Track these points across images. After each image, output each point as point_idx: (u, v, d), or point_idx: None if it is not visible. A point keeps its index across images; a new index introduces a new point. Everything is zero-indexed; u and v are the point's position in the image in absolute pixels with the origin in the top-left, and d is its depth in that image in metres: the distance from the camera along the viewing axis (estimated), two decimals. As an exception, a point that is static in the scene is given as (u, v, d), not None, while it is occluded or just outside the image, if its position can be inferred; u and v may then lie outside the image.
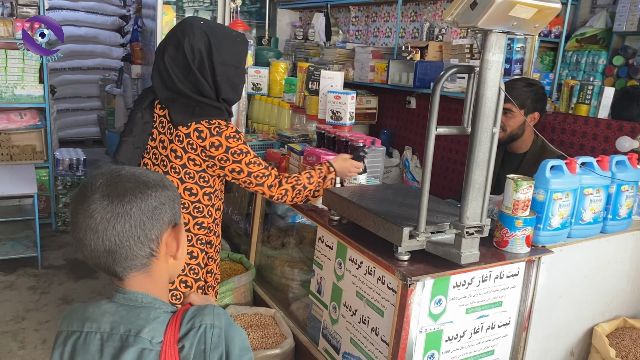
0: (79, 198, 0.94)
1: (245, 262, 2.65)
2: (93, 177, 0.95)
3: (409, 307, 1.62)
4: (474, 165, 1.55)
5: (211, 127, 1.81)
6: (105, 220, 0.91)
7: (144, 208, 0.94)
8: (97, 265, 0.96)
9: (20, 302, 3.49)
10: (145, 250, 0.96)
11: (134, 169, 0.98)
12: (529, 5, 1.39)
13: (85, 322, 0.97)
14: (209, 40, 1.81)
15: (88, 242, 0.93)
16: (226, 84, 1.87)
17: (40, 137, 4.54)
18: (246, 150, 1.85)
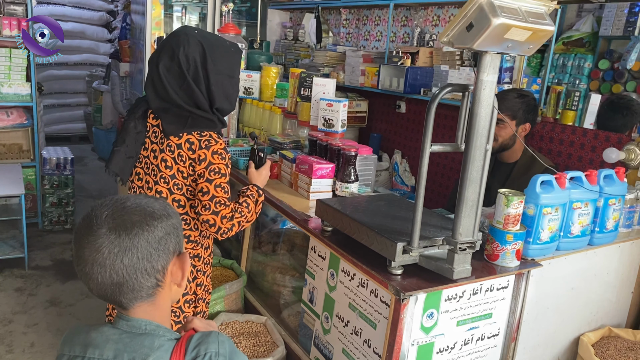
0: (84, 231, 0.94)
1: (236, 268, 2.65)
2: (98, 209, 0.95)
3: (402, 321, 1.64)
4: (468, 182, 1.58)
5: (202, 139, 1.82)
6: (113, 254, 0.92)
7: (151, 240, 0.94)
8: (103, 296, 0.97)
9: (7, 305, 3.46)
10: (151, 282, 0.97)
11: (139, 199, 0.98)
12: (523, 28, 1.42)
13: (88, 347, 0.97)
14: (204, 50, 1.81)
15: (95, 276, 0.93)
16: (220, 94, 1.87)
17: (27, 135, 4.49)
18: (223, 172, 1.84)
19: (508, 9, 1.40)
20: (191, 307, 1.95)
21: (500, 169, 2.65)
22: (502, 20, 1.37)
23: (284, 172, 2.57)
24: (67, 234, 4.68)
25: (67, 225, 4.76)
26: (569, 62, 4.83)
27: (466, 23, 1.43)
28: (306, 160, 2.40)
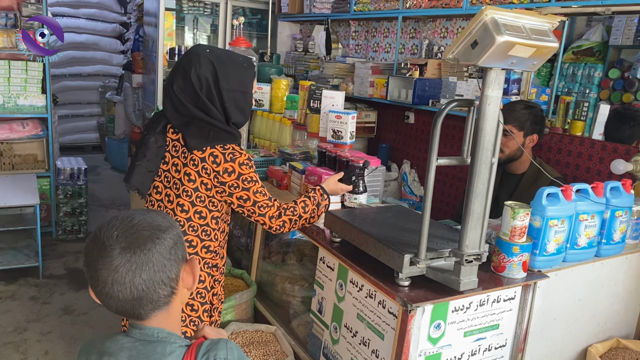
0: (98, 254, 0.97)
1: (246, 278, 2.69)
2: (106, 230, 0.98)
3: (409, 332, 1.66)
4: (474, 195, 1.61)
5: (225, 152, 1.86)
6: (131, 272, 0.95)
7: (163, 252, 0.98)
8: (123, 312, 1.00)
9: (22, 313, 3.52)
10: (168, 290, 1.01)
11: (143, 215, 1.02)
12: (527, 45, 1.45)
13: (103, 356, 1.01)
14: (215, 68, 1.86)
15: (115, 294, 0.97)
16: (234, 109, 1.92)
17: (41, 146, 4.58)
18: (255, 179, 1.90)
19: (512, 27, 1.43)
20: (208, 316, 1.99)
21: (508, 180, 2.67)
22: (506, 38, 1.40)
23: (293, 183, 2.61)
24: (81, 243, 4.74)
25: (81, 235, 4.83)
26: (579, 71, 4.84)
27: (471, 40, 1.46)
28: (315, 171, 2.44)
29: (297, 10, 4.78)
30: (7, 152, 4.41)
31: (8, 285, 3.88)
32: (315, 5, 4.49)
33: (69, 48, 7.37)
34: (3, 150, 4.39)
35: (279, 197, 2.51)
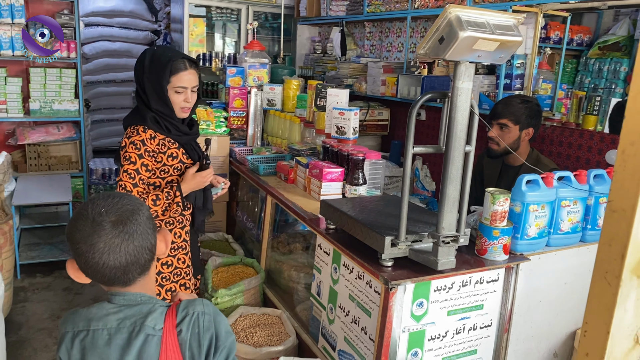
0: (90, 229, 1.10)
1: (256, 266, 2.86)
2: (92, 208, 1.11)
3: (391, 308, 1.79)
4: (448, 180, 1.73)
5: (130, 131, 2.12)
6: (125, 241, 1.11)
7: (145, 222, 1.15)
8: (112, 279, 1.14)
9: (56, 302, 3.78)
10: (150, 256, 1.17)
11: (119, 195, 1.17)
12: (490, 40, 1.56)
13: (91, 321, 1.16)
14: (143, 62, 2.14)
15: (111, 262, 1.11)
16: (155, 97, 2.13)
17: (75, 148, 4.87)
18: (133, 160, 2.07)
19: (475, 23, 1.55)
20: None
21: (507, 172, 2.75)
22: (469, 34, 1.52)
23: (299, 176, 2.77)
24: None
25: (112, 231, 5.10)
26: (605, 66, 4.84)
27: (438, 36, 1.59)
28: (317, 165, 2.59)
29: (314, 13, 4.94)
30: (43, 153, 4.72)
31: (44, 277, 4.17)
32: (331, 8, 4.64)
33: (104, 56, 7.74)
34: (40, 152, 4.70)
35: (285, 190, 2.68)
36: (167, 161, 2.15)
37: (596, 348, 0.67)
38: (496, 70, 3.26)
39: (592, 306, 0.70)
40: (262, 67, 3.68)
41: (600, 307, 0.68)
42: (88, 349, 1.15)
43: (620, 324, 0.67)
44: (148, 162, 2.10)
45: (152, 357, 1.13)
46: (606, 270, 0.69)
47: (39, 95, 4.58)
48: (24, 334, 3.35)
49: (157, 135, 2.12)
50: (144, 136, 2.09)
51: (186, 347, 1.14)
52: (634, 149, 0.62)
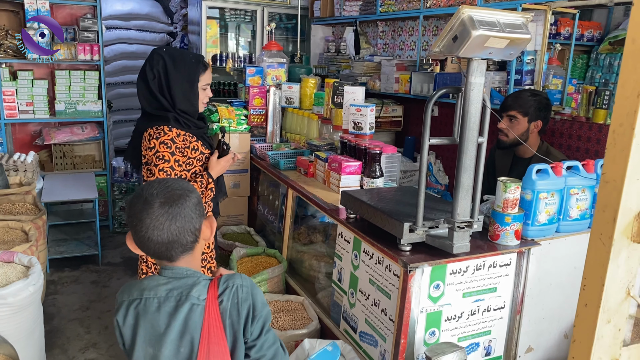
0: (142, 207, 1.25)
1: (278, 256, 2.99)
2: (147, 190, 1.28)
3: (410, 290, 1.92)
4: (462, 169, 1.85)
5: (155, 132, 2.20)
6: (168, 220, 1.25)
7: (191, 207, 1.29)
8: (157, 254, 1.29)
9: (85, 294, 3.95)
10: (193, 237, 1.31)
11: (174, 180, 1.32)
12: (501, 38, 1.68)
13: (144, 291, 1.32)
14: (165, 62, 2.22)
15: (155, 238, 1.26)
16: (181, 97, 2.24)
17: (99, 147, 5.04)
18: (167, 159, 2.18)
19: (486, 22, 1.67)
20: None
21: (517, 163, 2.86)
22: (481, 32, 1.64)
23: (318, 170, 2.90)
24: (134, 235, 5.19)
25: (134, 228, 5.27)
26: (615, 61, 4.91)
27: (452, 35, 1.71)
28: (336, 159, 2.72)
29: (328, 14, 5.07)
30: (68, 153, 4.89)
31: (72, 271, 4.34)
32: (345, 9, 4.77)
33: (122, 58, 7.93)
34: (65, 151, 4.88)
35: (305, 184, 2.82)
36: (191, 154, 2.29)
37: (593, 299, 0.79)
38: (507, 66, 3.37)
39: (590, 264, 0.82)
40: (280, 66, 3.82)
41: (596, 264, 0.79)
42: (141, 314, 1.30)
43: (614, 278, 0.79)
44: (179, 158, 2.23)
45: (197, 324, 1.27)
46: (601, 232, 0.81)
47: (64, 97, 4.76)
48: (57, 324, 3.52)
49: (180, 132, 2.25)
50: (172, 135, 2.21)
51: (227, 315, 1.28)
52: (622, 129, 0.73)
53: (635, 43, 0.69)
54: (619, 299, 0.80)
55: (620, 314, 0.81)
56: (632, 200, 0.74)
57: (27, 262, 2.68)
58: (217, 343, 1.25)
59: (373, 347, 2.15)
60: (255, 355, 1.33)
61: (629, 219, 0.76)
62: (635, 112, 0.70)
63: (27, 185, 3.75)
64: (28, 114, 4.64)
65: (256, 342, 1.33)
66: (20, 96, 4.58)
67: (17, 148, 4.84)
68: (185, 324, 1.27)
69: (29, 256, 2.70)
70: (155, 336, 1.28)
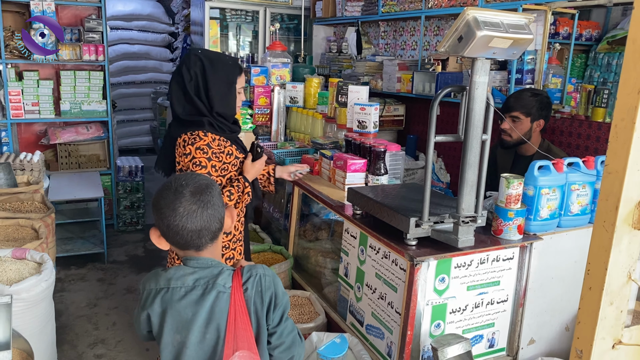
0: (173, 197, 1.31)
1: (284, 253, 3.05)
2: (175, 181, 1.34)
3: (416, 283, 1.98)
4: (467, 166, 1.91)
5: (191, 137, 2.17)
6: (200, 208, 1.32)
7: (217, 196, 1.36)
8: (188, 242, 1.34)
9: (92, 292, 4.01)
10: (219, 225, 1.38)
11: (195, 172, 1.39)
12: (505, 38, 1.74)
13: (170, 280, 1.38)
14: (203, 64, 2.20)
15: (189, 225, 1.31)
16: (219, 99, 2.22)
17: (103, 147, 5.10)
18: (204, 165, 2.16)
19: (490, 23, 1.73)
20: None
21: (519, 161, 2.92)
22: (485, 33, 1.70)
23: (323, 168, 2.95)
24: (139, 233, 5.24)
25: (139, 226, 5.33)
26: (614, 60, 4.96)
27: (457, 35, 1.77)
28: (341, 157, 2.77)
29: (330, 14, 5.13)
30: (74, 152, 4.95)
31: (79, 269, 4.39)
32: (347, 9, 4.82)
33: (124, 58, 7.99)
34: (71, 151, 4.93)
35: (311, 181, 2.88)
36: (226, 159, 2.26)
37: (597, 282, 0.84)
38: (508, 65, 3.43)
39: (594, 250, 0.87)
40: (284, 66, 3.88)
41: (600, 250, 0.85)
42: (168, 303, 1.35)
43: (616, 262, 0.84)
44: (215, 163, 2.21)
45: (223, 311, 1.33)
46: (604, 220, 0.87)
47: (69, 97, 4.81)
48: (65, 321, 3.58)
49: (215, 137, 2.21)
50: (207, 140, 2.18)
51: (251, 302, 1.34)
52: (624, 123, 0.79)
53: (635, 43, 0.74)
54: (620, 283, 0.85)
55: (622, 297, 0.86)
56: (633, 189, 0.80)
57: (39, 258, 2.73)
58: (244, 329, 1.31)
59: (380, 340, 2.21)
60: (276, 341, 1.40)
61: (630, 207, 0.82)
62: (635, 108, 0.75)
63: (35, 184, 3.80)
64: (34, 113, 4.69)
65: (277, 329, 1.39)
66: (26, 96, 4.63)
67: (23, 148, 4.90)
68: (211, 311, 1.33)
69: (40, 253, 2.75)
70: (182, 324, 1.34)
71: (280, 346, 1.40)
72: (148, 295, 1.40)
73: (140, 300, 1.42)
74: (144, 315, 1.39)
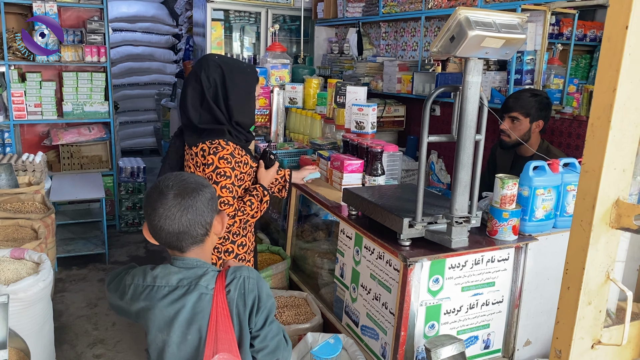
0: (157, 197, 1.33)
1: (282, 253, 3.05)
2: (164, 181, 1.35)
3: (409, 284, 1.97)
4: (460, 166, 1.90)
5: (211, 147, 2.11)
6: (180, 211, 1.32)
7: (203, 201, 1.35)
8: (168, 243, 1.36)
9: (92, 292, 4.02)
10: (203, 231, 1.37)
11: (190, 175, 1.40)
12: (497, 38, 1.73)
13: (156, 279, 1.38)
14: (223, 71, 2.14)
15: (166, 227, 1.33)
16: (238, 108, 2.17)
17: (105, 148, 5.12)
18: (229, 175, 2.11)
19: (482, 23, 1.72)
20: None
21: (518, 161, 2.90)
22: (477, 32, 1.69)
23: (321, 169, 2.95)
24: (141, 234, 5.24)
25: (140, 227, 5.35)
26: None
27: (449, 35, 1.76)
28: (338, 157, 2.77)
29: (331, 15, 5.13)
30: (76, 153, 4.97)
31: (80, 269, 4.41)
32: (348, 10, 4.82)
33: (127, 60, 8.03)
34: (73, 152, 4.96)
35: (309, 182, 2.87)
36: (243, 169, 2.21)
37: (575, 282, 0.84)
38: (507, 66, 3.42)
39: (572, 249, 0.87)
40: (284, 67, 3.88)
41: (577, 249, 0.84)
42: (152, 301, 1.36)
43: (594, 262, 0.84)
44: (237, 173, 2.16)
45: (205, 312, 1.33)
46: (581, 219, 0.86)
47: (71, 98, 4.84)
48: (65, 321, 3.60)
49: (235, 147, 2.16)
50: (230, 149, 2.12)
51: (233, 305, 1.34)
52: (600, 122, 0.78)
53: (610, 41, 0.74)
54: (599, 282, 0.85)
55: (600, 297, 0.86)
56: (609, 188, 0.80)
57: (37, 258, 2.74)
58: (225, 331, 1.31)
59: (374, 340, 2.20)
60: (259, 345, 1.39)
61: (607, 206, 0.81)
62: (611, 106, 0.75)
63: (36, 185, 3.83)
64: (36, 115, 4.72)
65: (260, 333, 1.38)
66: (28, 97, 4.66)
67: (25, 149, 4.93)
68: (193, 311, 1.33)
69: (39, 253, 2.77)
70: (164, 323, 1.34)
71: (264, 350, 1.40)
72: (135, 289, 1.41)
73: (125, 285, 1.42)
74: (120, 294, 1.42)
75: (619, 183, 0.80)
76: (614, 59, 0.77)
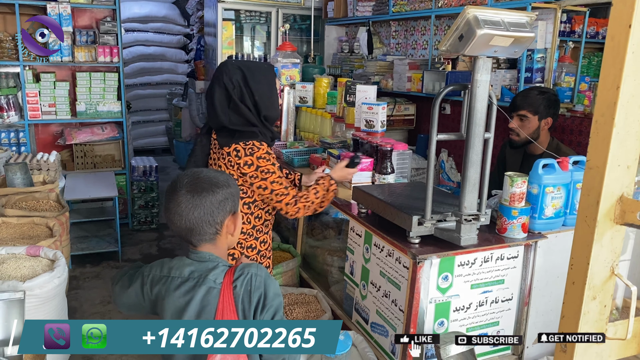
0: (171, 191, 1.39)
1: (292, 251, 3.08)
2: (181, 177, 1.40)
3: (419, 281, 1.99)
4: (469, 164, 1.91)
5: (246, 147, 2.20)
6: (187, 208, 1.36)
7: (214, 201, 1.38)
8: (180, 236, 1.42)
9: (106, 289, 4.08)
10: (212, 229, 1.41)
11: (210, 172, 1.43)
12: (505, 36, 1.75)
13: (172, 270, 1.43)
14: (243, 72, 2.23)
15: (176, 222, 1.38)
16: (265, 102, 2.26)
17: (118, 147, 5.18)
18: (272, 170, 2.21)
19: (491, 21, 1.73)
20: None
21: (528, 159, 2.90)
22: (485, 31, 1.70)
23: (331, 167, 2.97)
24: (153, 232, 5.31)
25: (153, 225, 5.40)
26: None
27: (458, 34, 1.77)
28: (348, 156, 2.78)
29: (342, 14, 5.15)
30: (89, 152, 5.04)
31: (93, 267, 4.47)
32: (358, 9, 4.84)
33: (139, 60, 8.10)
34: (86, 151, 5.02)
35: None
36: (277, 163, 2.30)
37: (580, 277, 0.85)
38: (517, 64, 3.42)
39: (576, 245, 0.88)
40: (294, 66, 3.91)
41: (582, 245, 0.86)
42: (166, 291, 1.41)
43: (598, 257, 0.85)
44: (277, 165, 2.26)
45: (212, 306, 1.36)
46: (586, 215, 0.87)
47: (84, 98, 4.90)
48: (79, 317, 3.65)
49: (267, 145, 2.25)
50: (264, 148, 2.22)
51: (239, 300, 1.36)
52: (604, 119, 0.80)
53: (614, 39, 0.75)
54: (603, 277, 0.86)
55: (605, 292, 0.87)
56: (614, 184, 0.81)
57: (52, 256, 2.79)
58: None
59: (384, 337, 2.22)
60: None
61: (611, 202, 0.82)
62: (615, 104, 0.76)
63: (51, 184, 3.89)
64: (50, 114, 4.79)
65: None
66: (43, 97, 4.73)
67: (40, 148, 5.00)
68: (201, 304, 1.37)
69: (54, 250, 2.82)
70: (177, 312, 1.39)
71: None
72: (153, 278, 1.45)
73: (142, 276, 1.46)
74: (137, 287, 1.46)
75: (623, 179, 0.82)
76: (618, 57, 0.78)
